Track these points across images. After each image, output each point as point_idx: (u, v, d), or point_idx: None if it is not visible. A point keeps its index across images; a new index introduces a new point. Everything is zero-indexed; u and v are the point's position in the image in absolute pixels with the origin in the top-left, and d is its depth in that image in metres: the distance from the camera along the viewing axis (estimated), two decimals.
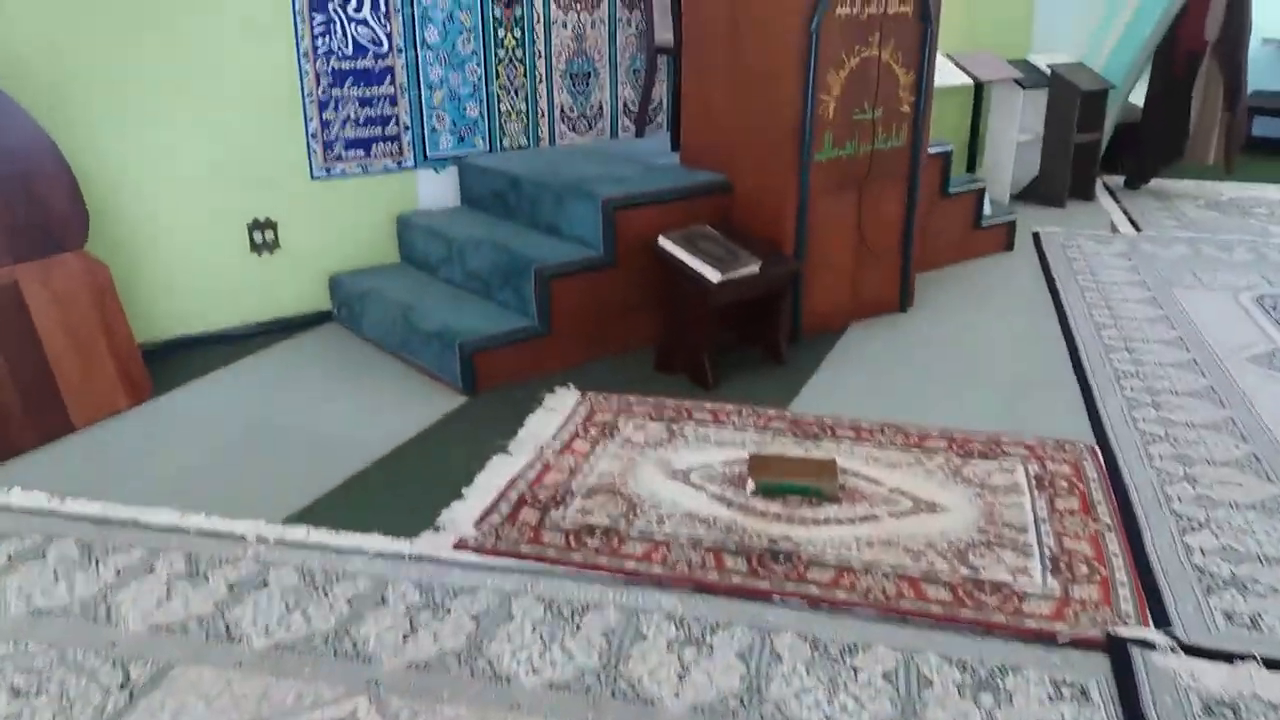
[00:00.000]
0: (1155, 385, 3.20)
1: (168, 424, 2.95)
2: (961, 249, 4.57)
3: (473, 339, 3.15)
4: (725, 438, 2.83)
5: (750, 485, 2.49)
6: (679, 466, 2.64)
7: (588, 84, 4.31)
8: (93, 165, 3.14)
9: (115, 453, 2.77)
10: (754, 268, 3.21)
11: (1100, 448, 2.78)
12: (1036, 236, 5.03)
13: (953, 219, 4.47)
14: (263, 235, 3.54)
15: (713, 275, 3.12)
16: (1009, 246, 4.81)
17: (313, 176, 3.61)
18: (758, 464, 2.57)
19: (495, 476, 2.57)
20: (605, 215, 3.38)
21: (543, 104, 4.18)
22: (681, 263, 3.19)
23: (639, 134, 4.45)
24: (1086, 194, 5.84)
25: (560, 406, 3.02)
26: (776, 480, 2.49)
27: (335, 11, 3.49)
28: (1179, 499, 2.49)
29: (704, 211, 3.52)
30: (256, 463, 2.70)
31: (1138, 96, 6.19)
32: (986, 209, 4.66)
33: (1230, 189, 6.19)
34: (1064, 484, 2.57)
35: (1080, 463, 2.68)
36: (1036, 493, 2.53)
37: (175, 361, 3.35)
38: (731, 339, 3.50)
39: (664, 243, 3.25)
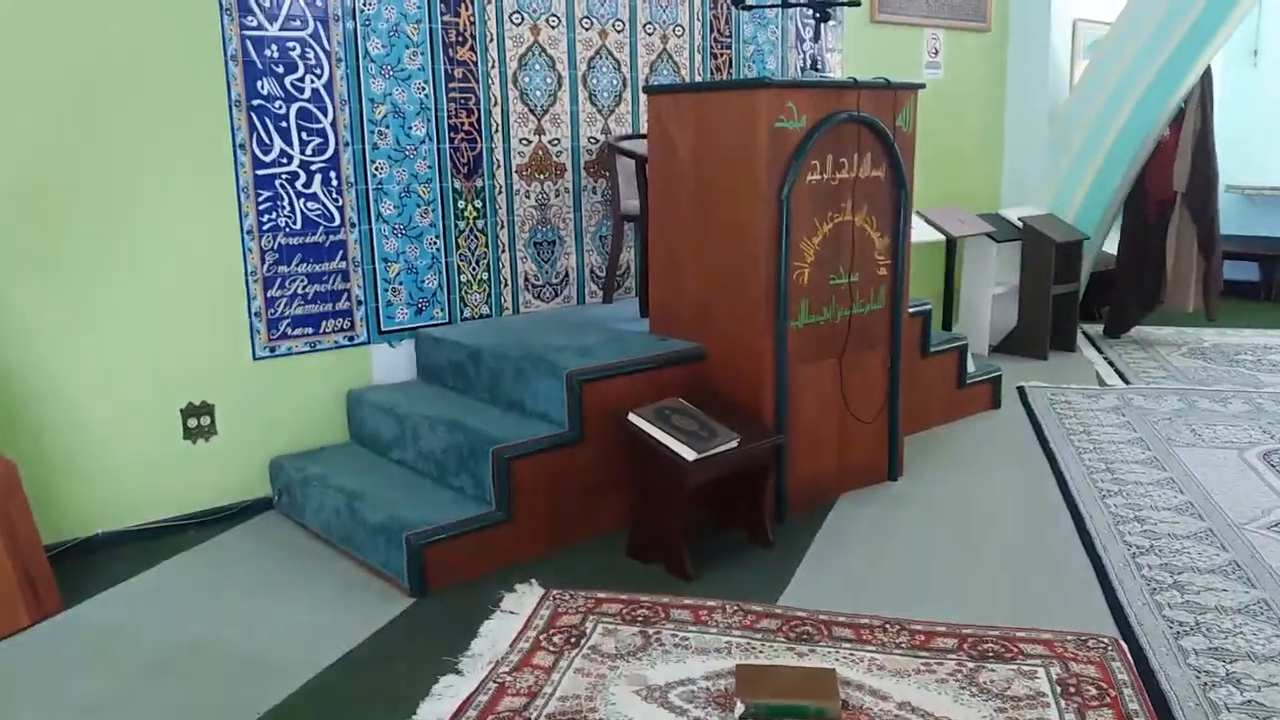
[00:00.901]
0: (1174, 562, 2.92)
1: (71, 645, 2.58)
2: (947, 409, 4.36)
3: (422, 530, 2.84)
4: (708, 643, 2.50)
5: (739, 708, 2.16)
6: (656, 682, 2.31)
7: (553, 251, 4.17)
8: (6, 347, 2.90)
9: (2, 685, 2.39)
10: (732, 442, 2.97)
11: (1125, 639, 2.49)
12: (1022, 391, 4.85)
13: (935, 378, 4.28)
14: (198, 421, 3.27)
15: (688, 453, 2.87)
16: (995, 404, 4.61)
17: (255, 357, 3.36)
18: (746, 678, 2.24)
19: (442, 704, 2.21)
20: (570, 389, 3.15)
21: (505, 273, 4.02)
22: (654, 440, 2.94)
23: (606, 300, 4.28)
24: (1068, 345, 5.71)
25: (520, 608, 2.69)
26: (768, 701, 2.15)
27: (282, 187, 3.33)
28: (1226, 707, 2.18)
29: (676, 381, 3.30)
30: (166, 693, 2.33)
31: (1110, 244, 6.17)
32: (970, 366, 4.48)
33: (1211, 335, 6.10)
34: (1092, 690, 2.26)
35: (1107, 662, 2.37)
36: (1063, 702, 2.21)
37: (95, 562, 3.01)
38: (710, 518, 3.21)
39: (634, 419, 3.00)
